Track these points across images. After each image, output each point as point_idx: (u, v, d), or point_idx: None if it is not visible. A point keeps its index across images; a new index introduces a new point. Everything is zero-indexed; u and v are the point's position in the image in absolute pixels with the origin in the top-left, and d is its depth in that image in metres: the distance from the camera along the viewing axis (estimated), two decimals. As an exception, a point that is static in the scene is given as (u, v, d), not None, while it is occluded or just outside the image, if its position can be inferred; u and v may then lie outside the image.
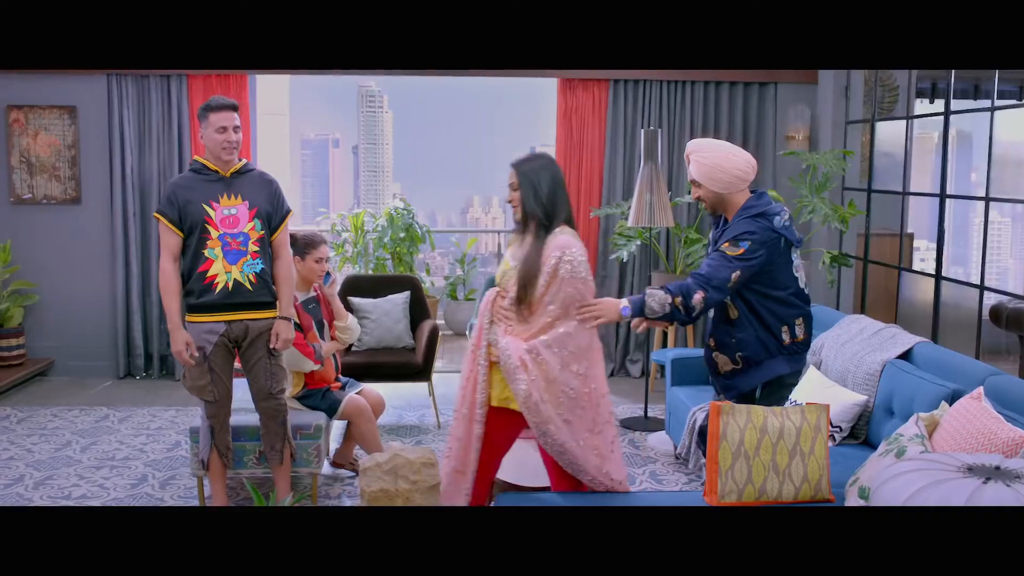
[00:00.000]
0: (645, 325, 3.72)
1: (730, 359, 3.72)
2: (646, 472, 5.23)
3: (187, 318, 4.18)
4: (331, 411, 4.83)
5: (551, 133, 7.66)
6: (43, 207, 7.29)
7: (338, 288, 5.37)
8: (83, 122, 7.22)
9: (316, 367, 4.79)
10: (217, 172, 4.18)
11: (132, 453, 5.48)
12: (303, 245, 4.90)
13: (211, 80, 7.20)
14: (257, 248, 4.19)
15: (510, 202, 3.45)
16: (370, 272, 8.12)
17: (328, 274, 5.03)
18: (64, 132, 7.21)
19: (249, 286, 4.16)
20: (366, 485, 2.71)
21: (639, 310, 3.58)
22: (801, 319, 3.69)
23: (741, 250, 3.52)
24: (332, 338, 5.10)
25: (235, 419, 4.43)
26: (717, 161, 3.66)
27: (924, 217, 7.88)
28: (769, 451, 3.26)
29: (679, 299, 3.51)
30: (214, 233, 4.12)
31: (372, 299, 6.30)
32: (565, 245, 3.30)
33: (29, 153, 7.22)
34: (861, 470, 3.20)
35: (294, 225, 4.72)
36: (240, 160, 4.26)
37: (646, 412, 6.24)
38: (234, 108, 4.18)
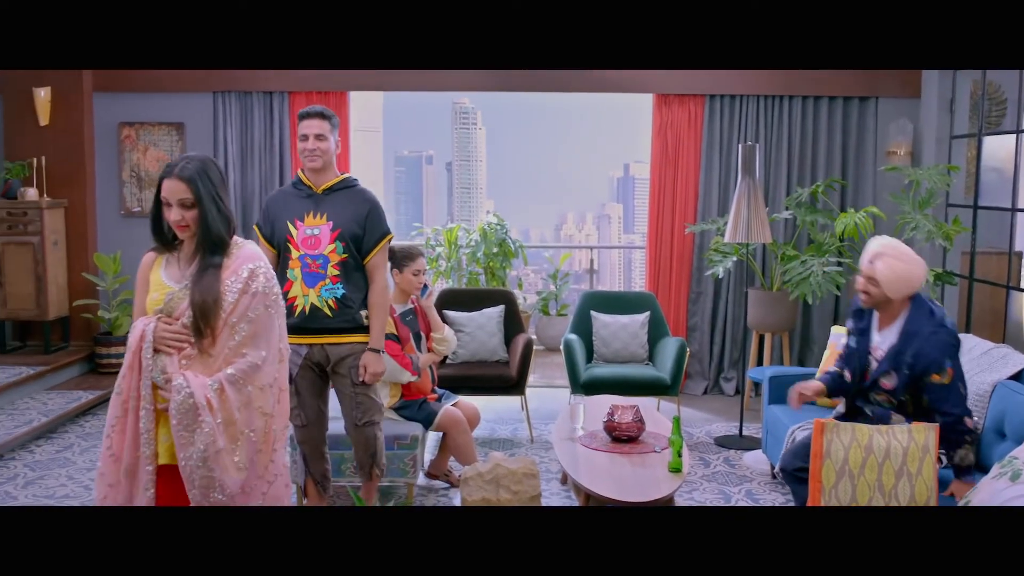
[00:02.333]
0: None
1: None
2: (742, 491, 5.15)
3: None
4: (427, 422, 4.89)
5: (643, 149, 7.64)
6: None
7: (434, 300, 5.43)
8: (190, 138, 7.47)
9: (413, 378, 4.85)
10: (309, 188, 4.05)
11: (233, 460, 5.61)
12: (401, 258, 4.97)
13: (312, 97, 7.38)
14: (338, 272, 3.98)
15: (178, 224, 2.77)
16: (463, 286, 8.19)
17: (425, 286, 5.10)
18: (172, 147, 7.47)
19: (328, 311, 3.98)
20: (467, 494, 2.73)
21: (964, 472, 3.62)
22: None
23: (951, 371, 3.62)
24: (429, 350, 5.15)
25: (332, 427, 4.48)
26: (910, 271, 3.74)
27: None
28: (874, 471, 3.19)
29: (969, 442, 3.61)
30: (295, 253, 3.98)
31: (467, 312, 6.36)
32: (256, 256, 2.82)
33: (139, 168, 7.50)
34: (973, 493, 3.11)
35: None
36: (340, 175, 4.11)
37: (741, 431, 6.15)
38: (319, 116, 4.03)
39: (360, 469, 4.32)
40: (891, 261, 3.73)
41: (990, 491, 2.90)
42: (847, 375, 4.01)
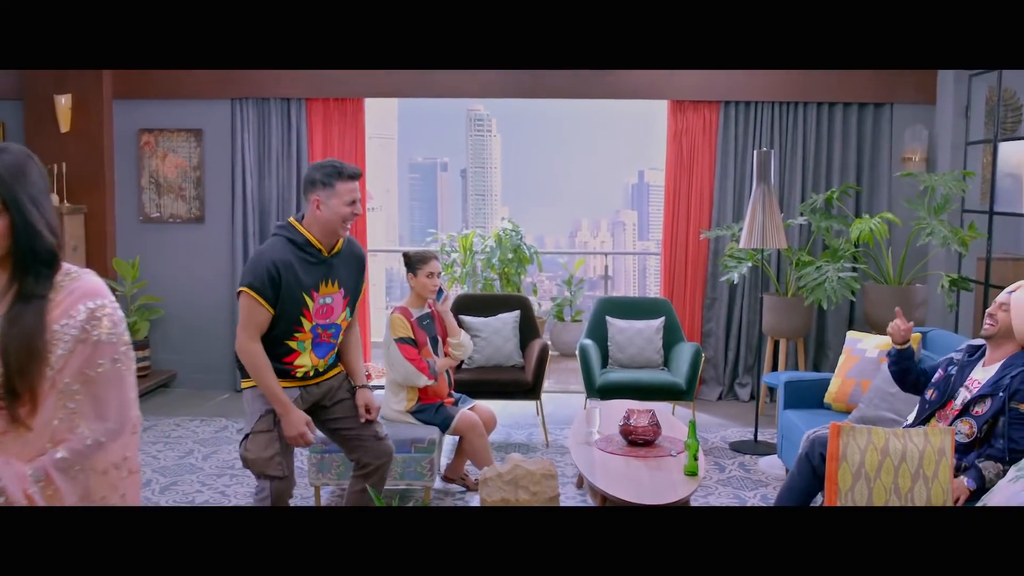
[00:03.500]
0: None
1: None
2: (757, 495, 5.16)
3: (252, 383, 3.70)
4: (444, 426, 4.92)
5: (658, 156, 7.66)
6: (169, 225, 7.62)
7: (450, 304, 5.47)
8: (208, 144, 7.54)
9: (430, 382, 4.89)
10: (320, 252, 3.66)
11: (251, 463, 5.66)
12: (415, 261, 5.01)
13: (329, 104, 7.44)
14: (342, 336, 3.88)
15: None
16: (479, 292, 8.22)
17: (440, 290, 5.13)
18: (190, 154, 7.54)
19: (325, 368, 3.88)
20: (487, 495, 2.75)
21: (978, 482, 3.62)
22: None
23: None
24: (446, 354, 5.19)
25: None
26: None
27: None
28: (891, 474, 3.21)
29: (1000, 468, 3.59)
30: (307, 325, 3.67)
31: (483, 318, 6.39)
32: (97, 291, 2.06)
33: (158, 174, 7.57)
34: (988, 496, 3.12)
35: (404, 246, 4.60)
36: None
37: (756, 436, 6.15)
38: (360, 176, 3.73)
39: (375, 473, 4.08)
40: None
41: (1007, 494, 2.91)
42: (931, 393, 4.01)
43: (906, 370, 4.22)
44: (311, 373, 3.79)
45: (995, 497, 3.03)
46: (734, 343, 7.51)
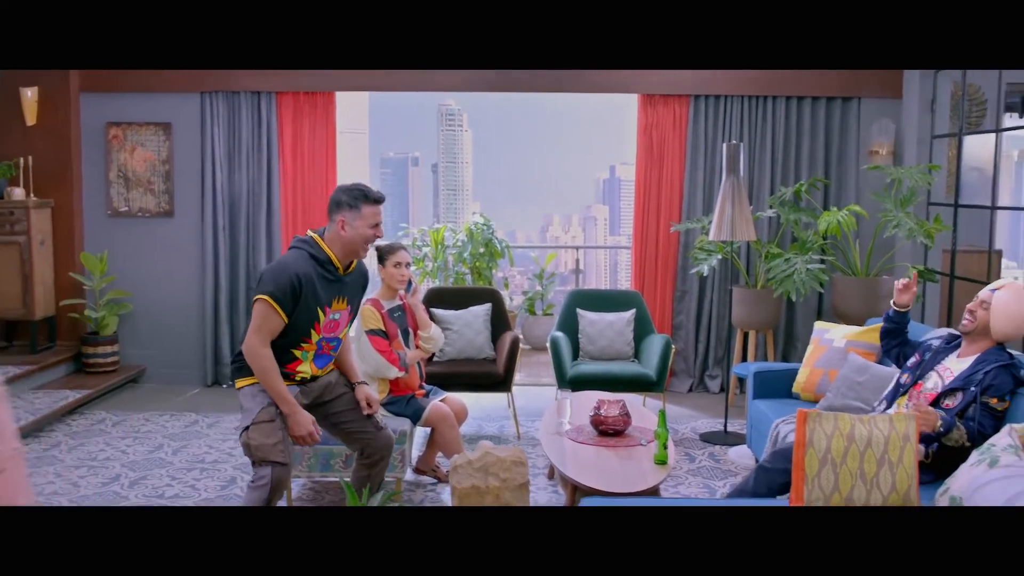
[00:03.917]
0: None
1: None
2: (727, 484, 5.20)
3: (256, 381, 3.79)
4: (415, 417, 4.92)
5: (629, 150, 7.70)
6: (138, 220, 7.56)
7: (421, 297, 5.47)
8: (177, 138, 7.49)
9: (401, 374, 4.89)
10: (338, 270, 3.81)
11: (221, 456, 5.64)
12: (383, 252, 5.02)
13: (300, 97, 7.42)
14: (340, 347, 4.05)
15: None
16: (450, 285, 8.22)
17: (410, 282, 5.14)
18: (159, 148, 7.49)
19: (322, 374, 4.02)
20: (457, 482, 2.77)
21: (944, 432, 3.71)
22: None
23: (1007, 404, 3.75)
24: (416, 346, 5.19)
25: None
26: (1022, 318, 3.86)
27: (1012, 238, 7.71)
28: (856, 459, 3.24)
29: (965, 435, 3.69)
30: (314, 338, 3.82)
31: (454, 310, 6.40)
32: None
33: (126, 168, 7.51)
34: (951, 480, 3.17)
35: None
36: None
37: (726, 427, 6.21)
38: (384, 201, 3.88)
39: (379, 463, 4.15)
40: (1011, 298, 3.89)
41: (969, 478, 2.96)
42: (905, 378, 4.13)
43: (897, 331, 4.48)
44: (308, 378, 3.93)
45: (958, 481, 3.08)
46: (704, 335, 7.56)
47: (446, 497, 4.93)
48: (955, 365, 4.00)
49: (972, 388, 3.79)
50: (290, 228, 7.49)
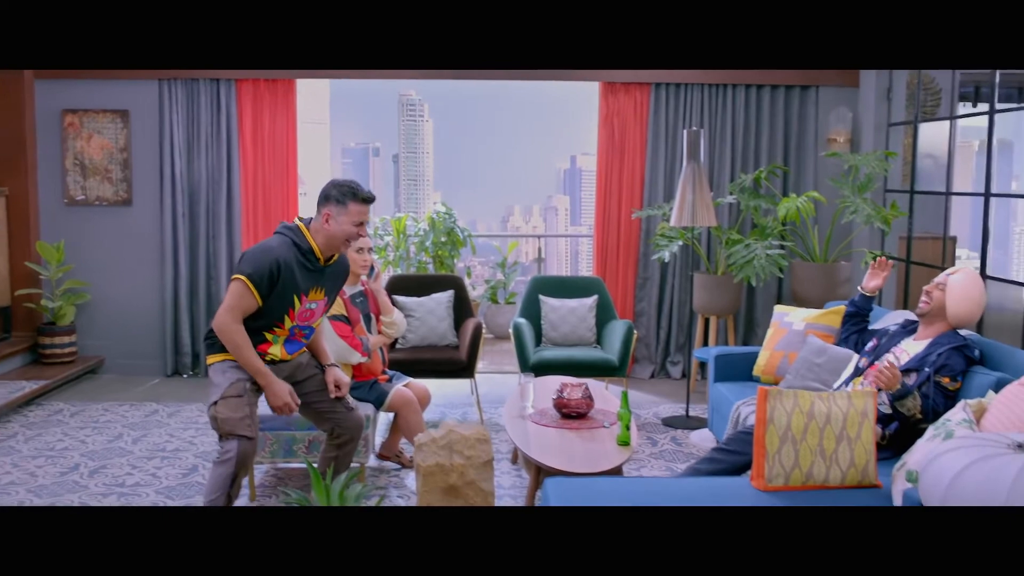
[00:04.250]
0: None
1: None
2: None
3: (226, 358, 3.84)
4: (378, 402, 4.91)
5: (591, 139, 7.72)
6: (95, 208, 7.46)
7: (384, 283, 5.45)
8: (135, 125, 7.40)
9: (364, 359, 4.88)
10: (319, 261, 3.85)
11: (182, 445, 5.60)
12: None
13: (260, 85, 7.35)
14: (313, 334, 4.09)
15: None
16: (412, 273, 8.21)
17: (372, 267, 5.12)
18: (116, 135, 7.39)
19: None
20: (422, 460, 2.78)
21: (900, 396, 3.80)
22: None
23: (959, 384, 3.83)
24: (379, 332, 5.18)
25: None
26: (975, 300, 4.00)
27: (966, 226, 7.84)
28: (816, 435, 3.29)
29: (919, 406, 3.78)
30: (287, 324, 3.86)
31: (417, 298, 6.39)
32: None
33: (83, 156, 7.40)
34: (908, 455, 3.22)
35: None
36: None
37: (688, 411, 6.26)
38: (374, 201, 3.95)
39: (349, 443, 4.20)
40: (967, 281, 4.01)
41: (925, 451, 3.01)
42: (863, 362, 4.25)
43: (859, 316, 4.64)
44: (277, 360, 3.95)
45: (914, 455, 3.13)
46: (666, 322, 7.61)
47: (410, 482, 4.93)
48: (911, 347, 4.09)
49: (926, 369, 3.87)
50: (251, 216, 7.43)
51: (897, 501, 3.12)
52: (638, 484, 3.46)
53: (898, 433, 3.87)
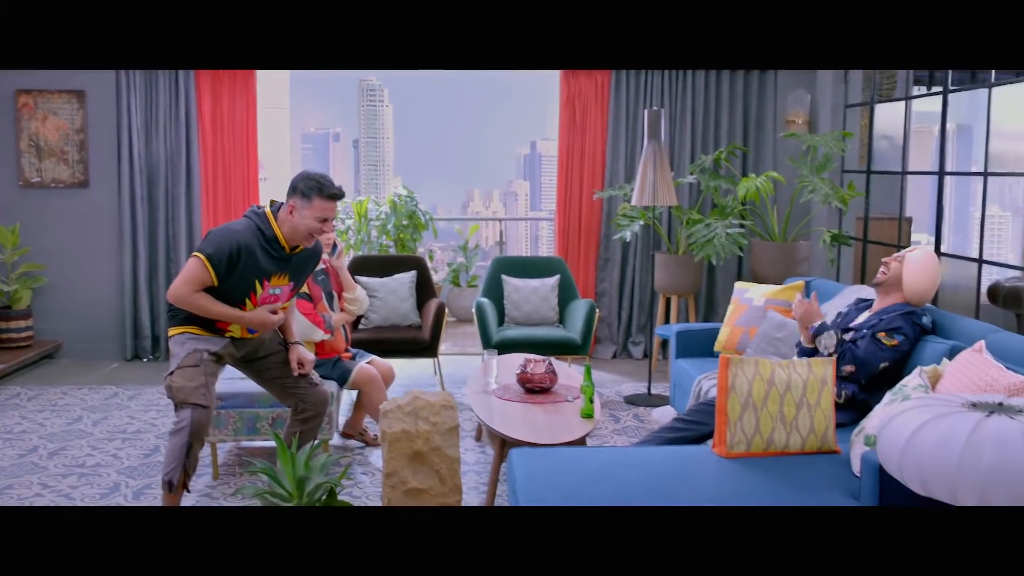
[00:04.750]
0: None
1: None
2: (651, 443, 5.30)
3: (185, 330, 3.85)
4: (342, 380, 4.91)
5: (552, 123, 7.75)
6: (51, 191, 7.36)
7: (346, 261, 5.44)
8: (91, 106, 7.30)
9: (326, 337, 4.87)
10: (283, 249, 3.83)
11: (143, 427, 5.55)
12: None
13: (219, 74, 7.26)
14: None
15: None
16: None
17: (335, 245, 5.11)
18: (72, 116, 7.29)
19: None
20: (387, 427, 2.78)
21: (818, 331, 4.06)
22: None
23: (896, 343, 3.90)
24: (342, 309, 5.17)
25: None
26: (931, 275, 4.06)
27: (923, 207, 7.96)
28: (776, 402, 3.35)
29: (836, 350, 3.99)
30: (249, 307, 3.84)
31: (379, 278, 6.38)
32: None
33: (38, 137, 7.29)
34: (866, 421, 3.28)
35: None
36: None
37: (649, 389, 6.32)
38: (342, 198, 3.90)
39: (313, 419, 4.19)
40: (923, 258, 4.08)
41: (882, 415, 3.07)
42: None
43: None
44: (237, 337, 3.96)
45: (872, 421, 3.19)
46: (627, 302, 7.67)
47: (375, 460, 4.93)
48: (863, 318, 4.18)
49: (864, 331, 4.01)
50: (210, 199, 7.36)
51: (856, 465, 3.18)
52: (601, 453, 3.49)
53: (855, 397, 3.93)
